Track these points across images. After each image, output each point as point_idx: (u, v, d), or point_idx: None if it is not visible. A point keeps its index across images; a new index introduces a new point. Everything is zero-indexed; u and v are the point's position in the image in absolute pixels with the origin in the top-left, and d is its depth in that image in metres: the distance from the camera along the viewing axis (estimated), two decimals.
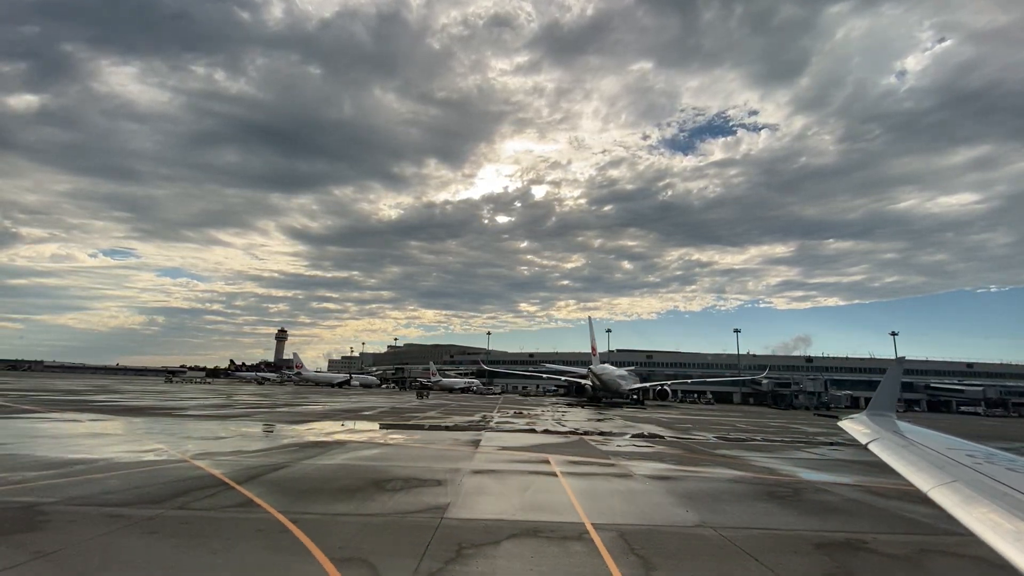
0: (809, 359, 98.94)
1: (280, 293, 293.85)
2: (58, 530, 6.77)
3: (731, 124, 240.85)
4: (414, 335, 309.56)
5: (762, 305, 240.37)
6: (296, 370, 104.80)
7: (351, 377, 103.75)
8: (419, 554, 6.32)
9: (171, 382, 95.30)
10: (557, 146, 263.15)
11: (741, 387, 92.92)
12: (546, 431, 23.88)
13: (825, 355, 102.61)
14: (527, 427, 25.80)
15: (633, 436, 23.18)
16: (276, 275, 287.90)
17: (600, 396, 62.62)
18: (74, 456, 12.40)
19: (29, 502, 8.03)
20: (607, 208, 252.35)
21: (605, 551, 6.66)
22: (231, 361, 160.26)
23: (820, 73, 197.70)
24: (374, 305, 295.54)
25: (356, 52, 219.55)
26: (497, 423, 27.85)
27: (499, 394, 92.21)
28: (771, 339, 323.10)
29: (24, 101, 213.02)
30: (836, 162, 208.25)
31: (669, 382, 72.22)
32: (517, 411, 39.32)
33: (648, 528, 7.94)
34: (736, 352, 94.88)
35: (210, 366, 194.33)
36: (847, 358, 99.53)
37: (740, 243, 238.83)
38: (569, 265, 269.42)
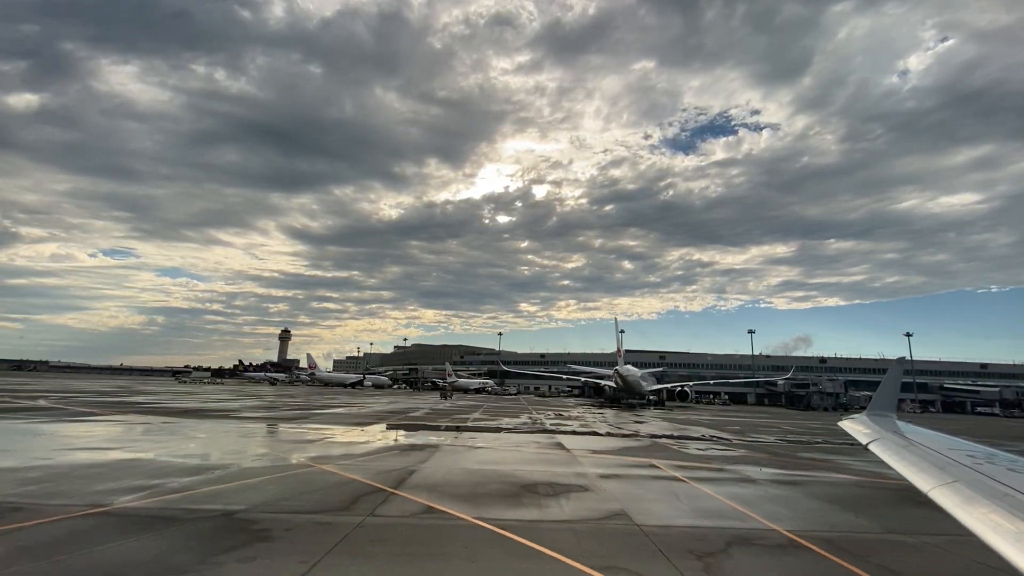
0: (823, 360, 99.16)
1: (280, 293, 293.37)
2: (289, 540, 6.72)
3: (733, 124, 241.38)
4: (414, 335, 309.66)
5: (763, 305, 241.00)
6: (309, 371, 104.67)
7: (364, 377, 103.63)
8: (666, 562, 6.33)
9: (184, 382, 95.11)
10: (558, 146, 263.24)
11: (755, 388, 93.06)
12: (609, 434, 23.89)
13: (837, 355, 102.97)
14: (587, 430, 25.81)
15: (701, 439, 23.20)
16: (276, 275, 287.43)
17: (620, 397, 62.63)
18: (202, 461, 12.34)
19: (224, 509, 7.99)
20: (608, 208, 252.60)
21: (848, 564, 6.67)
22: (239, 361, 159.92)
23: (822, 72, 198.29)
24: (374, 305, 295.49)
25: (357, 51, 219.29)
26: (554, 425, 27.87)
27: (515, 395, 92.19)
28: (771, 339, 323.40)
29: (24, 100, 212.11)
30: (838, 162, 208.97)
31: (691, 383, 72.33)
32: (557, 413, 39.33)
33: (846, 535, 7.96)
34: (750, 352, 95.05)
35: (209, 366, 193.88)
36: (860, 358, 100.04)
37: (741, 243, 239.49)
38: (570, 265, 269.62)
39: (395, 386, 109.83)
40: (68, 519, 7.17)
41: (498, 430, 23.67)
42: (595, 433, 23.98)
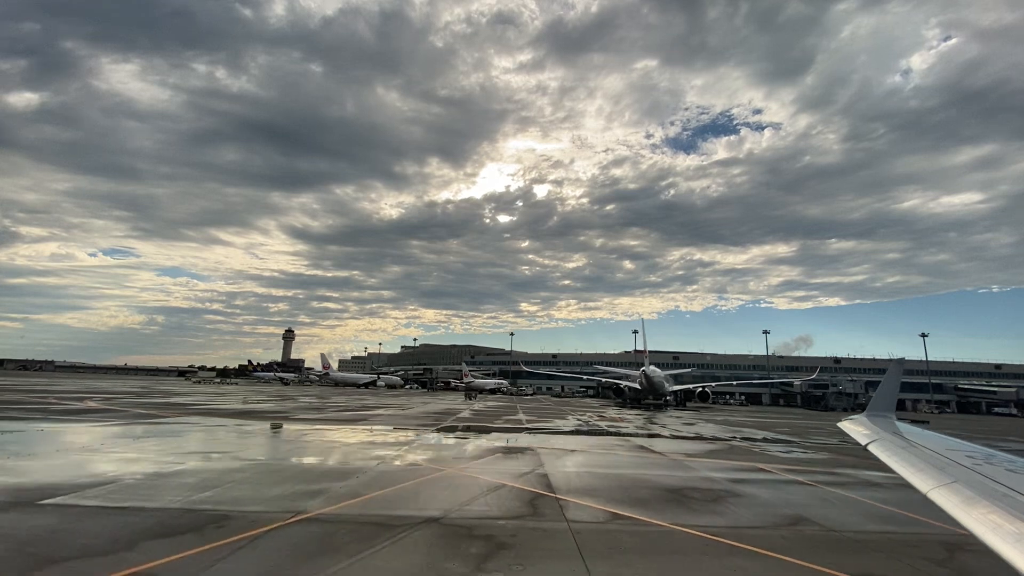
0: (837, 360, 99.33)
1: (280, 292, 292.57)
2: (527, 548, 6.72)
3: (735, 123, 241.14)
4: (414, 335, 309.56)
5: (763, 305, 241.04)
6: (324, 371, 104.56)
7: (379, 377, 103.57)
8: (911, 568, 6.35)
9: (198, 382, 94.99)
10: (560, 145, 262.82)
11: (770, 388, 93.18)
12: (673, 436, 23.93)
13: (849, 355, 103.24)
14: (645, 431, 25.87)
15: (766, 440, 23.25)
16: (276, 274, 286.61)
17: (640, 397, 62.64)
18: (338, 465, 12.33)
19: (423, 515, 7.97)
20: (609, 207, 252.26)
21: None
22: (248, 361, 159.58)
23: (825, 71, 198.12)
24: (374, 305, 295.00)
25: (358, 50, 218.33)
26: (610, 426, 27.93)
27: (532, 395, 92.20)
28: (771, 339, 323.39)
29: (24, 99, 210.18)
30: (840, 161, 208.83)
31: (714, 384, 72.39)
32: (598, 415, 39.35)
33: None
34: (759, 352, 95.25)
35: (214, 365, 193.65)
36: (874, 359, 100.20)
37: (742, 243, 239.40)
38: (570, 265, 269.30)
39: (407, 386, 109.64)
40: (286, 527, 7.13)
41: (563, 432, 23.67)
42: (658, 435, 23.99)
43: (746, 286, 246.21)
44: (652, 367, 60.43)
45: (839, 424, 6.17)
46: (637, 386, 65.86)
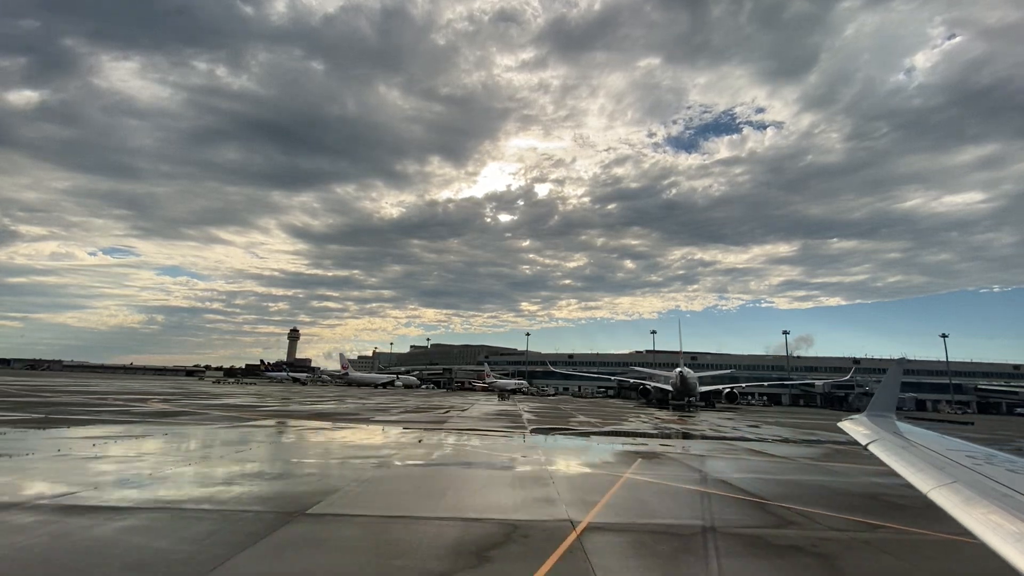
0: (856, 360, 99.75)
1: (280, 292, 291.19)
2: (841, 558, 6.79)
3: (737, 122, 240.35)
4: (414, 334, 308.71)
5: (764, 305, 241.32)
6: (343, 371, 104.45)
7: (397, 377, 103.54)
8: None
9: (219, 383, 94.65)
10: (562, 143, 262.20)
11: (790, 389, 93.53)
12: (775, 439, 24.09)
13: (868, 356, 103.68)
14: (717, 434, 26.01)
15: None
16: (276, 274, 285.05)
17: (669, 398, 62.71)
18: (533, 471, 12.38)
19: (705, 525, 8.03)
20: (611, 207, 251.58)
21: None
22: (261, 361, 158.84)
23: (829, 70, 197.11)
24: (374, 304, 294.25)
25: (360, 47, 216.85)
26: (681, 430, 28.06)
27: (554, 395, 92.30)
28: (772, 339, 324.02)
29: (23, 97, 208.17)
30: (842, 160, 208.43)
31: (744, 384, 72.59)
32: (644, 415, 39.49)
33: None
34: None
35: (220, 365, 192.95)
36: (892, 359, 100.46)
37: (743, 242, 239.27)
38: (571, 264, 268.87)
39: (423, 386, 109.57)
40: (581, 535, 7.16)
41: (653, 435, 23.79)
42: (751, 439, 24.12)
43: (747, 286, 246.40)
44: (687, 369, 60.55)
45: (839, 424, 6.17)
46: (666, 387, 66.04)
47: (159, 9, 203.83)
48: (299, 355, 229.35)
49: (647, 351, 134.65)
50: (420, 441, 17.91)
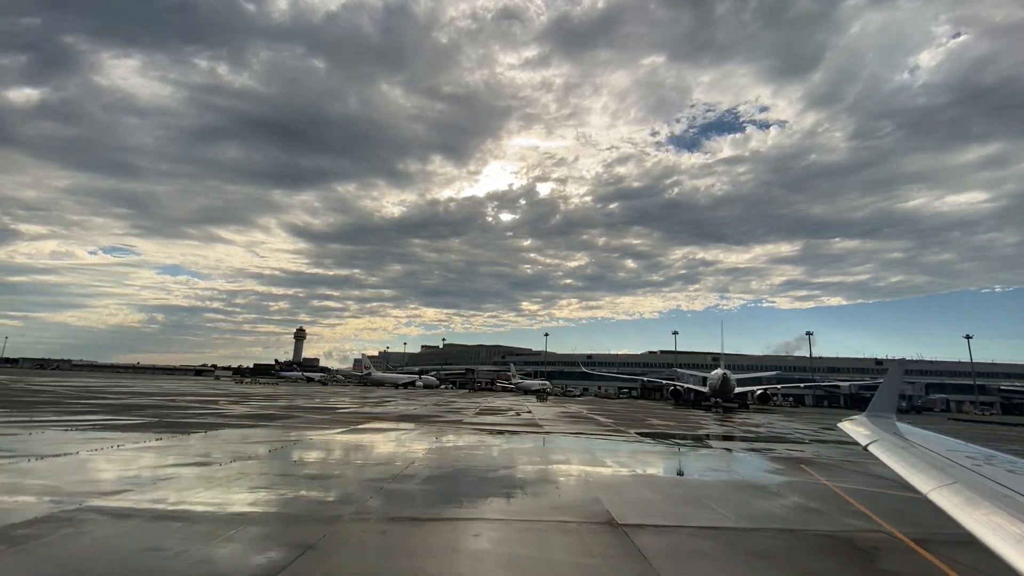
0: (879, 361, 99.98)
1: (281, 291, 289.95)
2: None
3: (741, 120, 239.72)
4: (415, 334, 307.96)
5: (764, 304, 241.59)
6: (366, 371, 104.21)
7: (419, 378, 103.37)
8: None
9: (241, 382, 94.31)
10: (564, 142, 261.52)
11: (814, 390, 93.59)
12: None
13: (889, 357, 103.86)
14: (785, 437, 26.01)
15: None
16: (277, 273, 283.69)
17: (703, 399, 62.68)
18: (696, 478, 12.34)
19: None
20: (613, 206, 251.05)
21: None
22: (276, 361, 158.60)
23: (834, 68, 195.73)
24: (375, 304, 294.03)
25: (362, 45, 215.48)
26: (770, 432, 28.06)
27: (580, 395, 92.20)
28: (773, 339, 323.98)
29: (24, 95, 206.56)
30: (845, 159, 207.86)
31: (779, 386, 72.63)
32: (694, 417, 39.52)
33: None
34: (809, 355, 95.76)
35: (229, 364, 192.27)
36: (916, 360, 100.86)
37: (745, 242, 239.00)
38: (572, 264, 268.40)
39: (442, 386, 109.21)
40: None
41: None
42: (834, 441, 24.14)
43: (748, 285, 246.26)
44: (727, 370, 60.55)
45: (839, 424, 6.14)
46: (699, 388, 66.13)
47: (160, 6, 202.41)
48: (305, 354, 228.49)
49: (661, 351, 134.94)
50: (590, 450, 17.84)
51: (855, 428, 5.23)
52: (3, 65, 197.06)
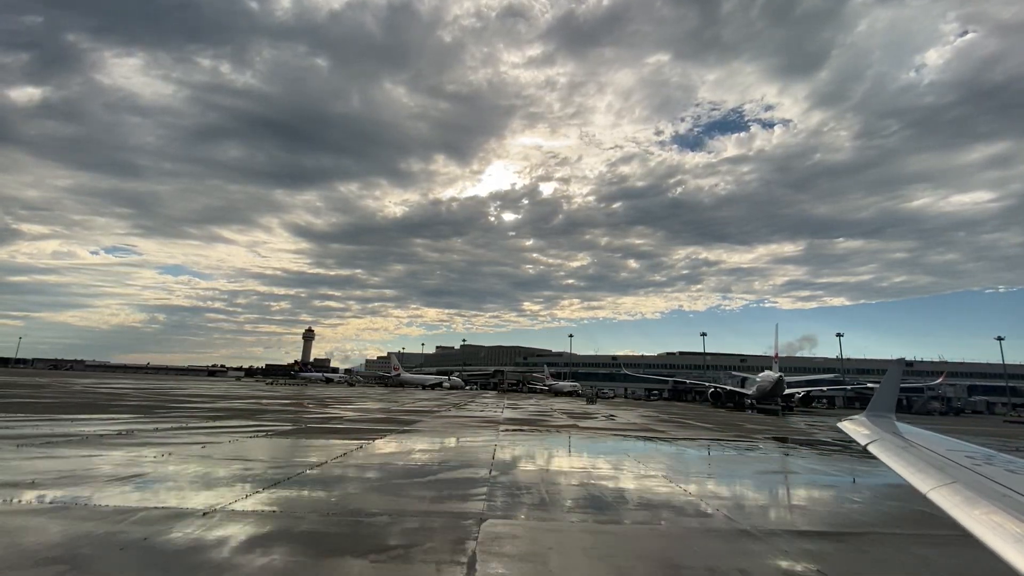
0: (909, 363, 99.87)
1: (282, 291, 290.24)
2: None
3: (746, 119, 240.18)
4: (416, 334, 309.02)
5: (767, 305, 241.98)
6: (396, 372, 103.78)
7: (448, 379, 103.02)
8: None
9: (270, 383, 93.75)
10: (568, 142, 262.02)
11: (845, 391, 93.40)
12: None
13: (918, 359, 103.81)
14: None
15: None
16: (279, 273, 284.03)
17: (747, 401, 62.48)
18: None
19: None
20: (616, 205, 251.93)
21: None
22: (295, 361, 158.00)
23: (840, 66, 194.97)
24: (376, 304, 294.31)
25: (365, 44, 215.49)
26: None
27: (613, 397, 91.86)
28: (772, 339, 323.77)
29: (26, 94, 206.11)
30: (851, 159, 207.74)
31: (826, 388, 72.46)
32: (767, 421, 39.26)
33: None
34: (840, 356, 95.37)
35: (240, 365, 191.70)
36: (944, 361, 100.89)
37: (749, 241, 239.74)
38: (575, 264, 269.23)
39: (467, 387, 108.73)
40: None
41: None
42: None
43: (751, 286, 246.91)
44: (776, 372, 60.26)
45: (838, 424, 6.08)
46: (740, 389, 66.00)
47: (163, 4, 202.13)
48: (298, 354, 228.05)
49: (679, 352, 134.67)
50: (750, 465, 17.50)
51: (855, 428, 5.15)
52: (5, 64, 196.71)
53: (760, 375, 62.45)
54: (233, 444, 14.41)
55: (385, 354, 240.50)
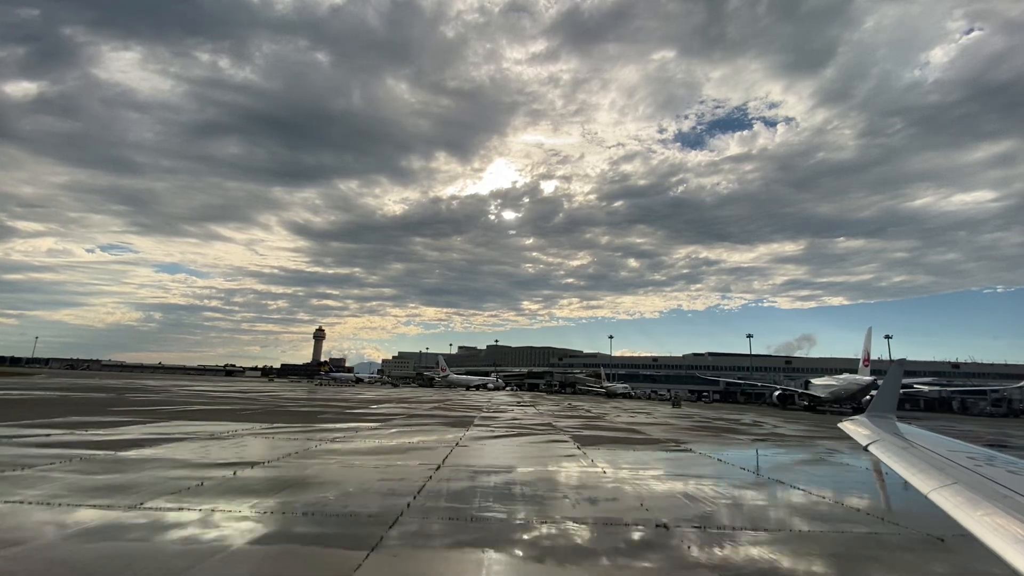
0: (956, 365, 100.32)
1: (280, 290, 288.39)
2: None
3: (750, 117, 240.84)
4: (413, 333, 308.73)
5: (766, 304, 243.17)
6: (443, 373, 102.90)
7: (495, 378, 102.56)
8: None
9: (321, 385, 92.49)
10: (570, 139, 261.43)
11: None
12: None
13: (971, 359, 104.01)
14: None
15: None
16: (276, 271, 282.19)
17: (818, 404, 62.38)
18: None
19: None
20: (617, 204, 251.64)
21: None
22: (323, 362, 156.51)
23: (846, 64, 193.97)
24: (375, 302, 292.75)
25: (367, 39, 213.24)
26: None
27: (668, 398, 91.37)
28: (773, 339, 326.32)
29: (21, 88, 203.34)
30: (854, 157, 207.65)
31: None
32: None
33: None
34: (888, 358, 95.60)
35: (255, 364, 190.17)
36: (994, 364, 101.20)
37: (750, 241, 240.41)
38: (575, 263, 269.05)
39: (508, 388, 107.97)
40: None
41: None
42: None
43: (750, 285, 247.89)
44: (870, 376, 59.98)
45: (839, 424, 6.03)
46: (815, 393, 65.77)
47: None
48: (299, 354, 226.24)
49: (708, 353, 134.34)
50: None
51: (855, 428, 5.11)
52: (0, 58, 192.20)
53: (840, 377, 62.22)
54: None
55: (398, 354, 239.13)
